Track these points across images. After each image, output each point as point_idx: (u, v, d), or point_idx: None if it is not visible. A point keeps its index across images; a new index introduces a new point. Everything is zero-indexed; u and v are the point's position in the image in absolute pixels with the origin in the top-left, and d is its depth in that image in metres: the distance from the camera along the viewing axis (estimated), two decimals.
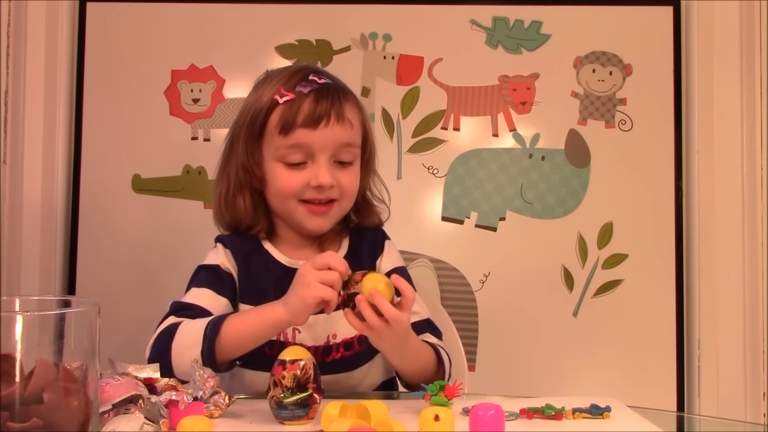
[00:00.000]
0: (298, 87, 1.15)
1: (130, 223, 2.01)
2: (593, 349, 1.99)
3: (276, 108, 1.15)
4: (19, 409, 0.65)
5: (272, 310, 1.05)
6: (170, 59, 2.04)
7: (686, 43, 2.03)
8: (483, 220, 2.01)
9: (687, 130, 2.02)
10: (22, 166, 1.99)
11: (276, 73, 1.21)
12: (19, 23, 2.00)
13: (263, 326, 1.05)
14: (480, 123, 2.03)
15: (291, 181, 1.16)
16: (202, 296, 1.16)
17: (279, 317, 1.04)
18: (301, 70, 1.19)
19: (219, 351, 1.04)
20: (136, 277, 1.98)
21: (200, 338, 1.04)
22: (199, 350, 1.03)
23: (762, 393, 1.96)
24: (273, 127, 1.15)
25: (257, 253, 1.21)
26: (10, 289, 1.96)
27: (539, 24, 2.04)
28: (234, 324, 1.06)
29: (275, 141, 1.15)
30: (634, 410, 0.99)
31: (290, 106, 1.14)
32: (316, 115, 1.13)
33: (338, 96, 1.17)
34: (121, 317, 1.95)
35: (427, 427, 0.83)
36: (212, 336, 1.04)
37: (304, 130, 1.13)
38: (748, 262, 1.98)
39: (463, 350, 1.46)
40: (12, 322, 0.66)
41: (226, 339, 1.05)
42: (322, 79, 1.17)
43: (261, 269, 1.19)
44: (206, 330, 1.05)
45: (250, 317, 1.08)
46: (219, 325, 1.05)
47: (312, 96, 1.14)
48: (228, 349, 1.05)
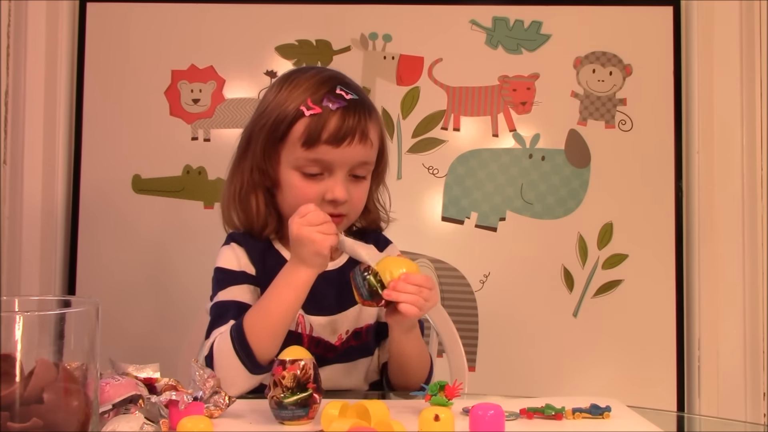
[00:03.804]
0: (326, 101, 1.14)
1: (131, 223, 2.01)
2: (593, 349, 1.99)
3: (301, 119, 1.14)
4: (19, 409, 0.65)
5: (297, 275, 1.09)
6: (170, 59, 2.04)
7: (686, 43, 2.03)
8: (483, 221, 2.01)
9: (687, 130, 2.02)
10: (22, 166, 2.00)
11: (303, 80, 1.18)
12: (19, 23, 2.00)
13: (298, 291, 1.09)
14: (480, 123, 2.03)
15: (307, 192, 1.16)
16: (237, 293, 1.17)
17: (308, 276, 1.09)
18: (329, 80, 1.17)
19: (254, 344, 1.06)
20: (136, 277, 1.98)
21: (230, 342, 1.07)
22: (235, 355, 1.06)
23: (762, 393, 1.96)
24: (296, 137, 1.15)
25: (269, 252, 1.22)
26: (10, 289, 1.96)
27: (539, 24, 2.04)
28: (256, 309, 1.10)
29: (296, 151, 1.15)
30: (634, 410, 0.99)
31: (316, 121, 1.13)
32: (342, 134, 1.13)
33: (364, 115, 1.16)
34: (121, 317, 1.95)
35: (427, 427, 0.82)
36: (239, 332, 1.07)
37: (327, 147, 1.13)
38: (748, 262, 1.98)
39: (463, 350, 1.46)
40: (12, 322, 0.66)
41: (254, 326, 1.07)
42: (349, 95, 1.15)
43: (275, 268, 1.20)
44: (231, 333, 1.08)
45: (276, 292, 1.10)
46: (240, 323, 1.08)
47: (339, 113, 1.13)
48: (260, 333, 1.07)
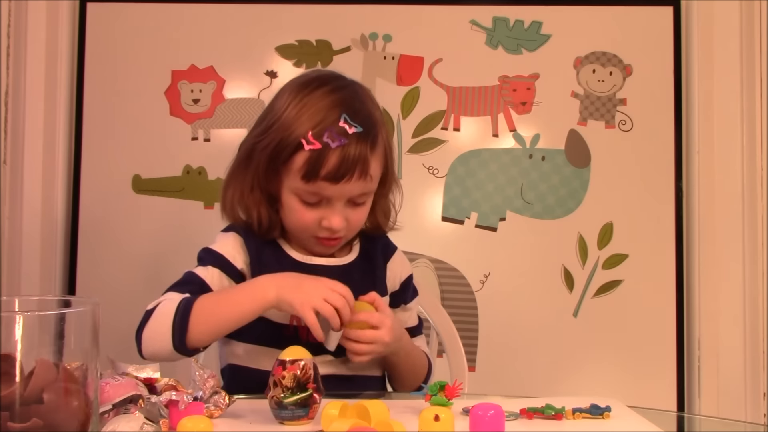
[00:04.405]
0: (327, 136, 1.11)
1: (131, 223, 2.01)
2: (593, 349, 1.99)
3: (302, 151, 1.12)
4: (19, 409, 0.65)
5: (264, 292, 1.08)
6: (170, 59, 2.04)
7: (686, 43, 2.03)
8: (483, 221, 2.01)
9: (687, 131, 2.02)
10: (22, 167, 1.99)
11: (312, 101, 1.14)
12: (19, 23, 2.00)
13: (254, 308, 1.09)
14: (480, 123, 2.03)
15: (304, 218, 1.16)
16: (210, 275, 1.18)
17: (268, 301, 1.08)
18: (337, 106, 1.13)
19: (192, 325, 1.08)
20: (136, 278, 1.98)
21: (173, 311, 1.09)
22: (170, 324, 1.08)
23: (762, 393, 1.96)
24: (296, 168, 1.13)
25: (270, 246, 1.22)
26: (10, 289, 1.96)
27: (539, 24, 2.04)
28: (213, 297, 1.12)
29: (296, 181, 1.14)
30: (634, 410, 0.99)
31: (316, 157, 1.11)
32: (341, 173, 1.11)
33: (365, 149, 1.13)
34: (121, 317, 1.95)
35: (427, 427, 0.82)
36: (186, 310, 1.08)
37: (325, 183, 1.12)
38: (748, 262, 1.98)
39: (463, 350, 1.46)
40: (12, 322, 0.66)
41: (202, 311, 1.08)
42: (352, 128, 1.12)
43: (272, 261, 1.20)
44: (179, 304, 1.09)
45: (237, 291, 1.12)
46: (192, 301, 1.09)
47: (339, 151, 1.11)
48: (203, 323, 1.08)
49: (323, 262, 1.22)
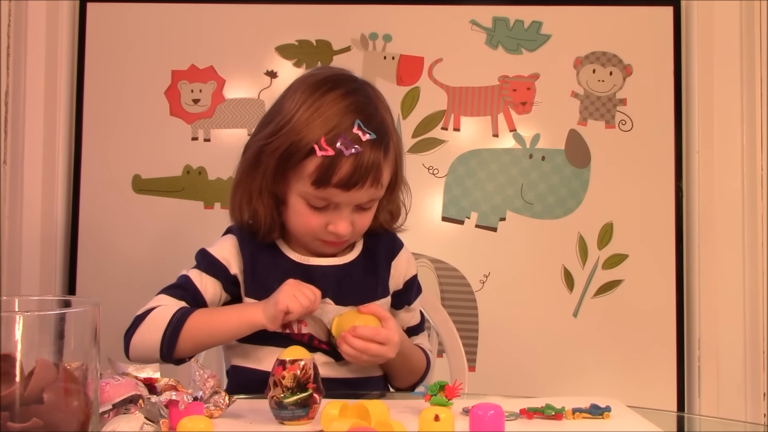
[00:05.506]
0: (340, 143, 1.09)
1: (131, 223, 2.01)
2: (593, 349, 1.99)
3: (313, 156, 1.10)
4: (19, 409, 0.65)
5: (252, 312, 1.12)
6: (170, 59, 2.04)
7: (686, 43, 2.03)
8: (483, 221, 2.01)
9: (687, 130, 2.02)
10: (22, 166, 2.00)
11: (326, 104, 1.12)
12: (19, 23, 2.00)
13: (240, 325, 1.13)
14: (480, 123, 2.03)
15: (310, 222, 1.15)
16: (203, 281, 1.20)
17: (257, 320, 1.11)
18: (351, 112, 1.11)
19: (182, 340, 1.11)
20: (136, 278, 1.98)
21: (165, 324, 1.12)
22: (161, 335, 1.11)
23: (762, 393, 1.96)
24: (306, 173, 1.11)
25: (267, 249, 1.21)
26: (10, 289, 1.96)
27: (539, 24, 2.04)
28: (205, 316, 1.14)
29: (305, 185, 1.12)
30: (634, 410, 0.99)
31: (328, 164, 1.09)
32: (353, 182, 1.10)
33: (378, 158, 1.11)
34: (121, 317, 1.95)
35: (427, 427, 0.82)
36: (178, 324, 1.11)
37: (336, 190, 1.11)
38: (748, 262, 1.98)
39: (463, 350, 1.46)
40: (12, 322, 0.66)
41: (192, 328, 1.12)
42: (366, 135, 1.10)
43: (268, 264, 1.20)
44: (173, 318, 1.12)
45: (228, 313, 1.15)
46: (185, 316, 1.12)
47: (352, 159, 1.09)
48: (192, 340, 1.12)
49: (321, 263, 1.21)
